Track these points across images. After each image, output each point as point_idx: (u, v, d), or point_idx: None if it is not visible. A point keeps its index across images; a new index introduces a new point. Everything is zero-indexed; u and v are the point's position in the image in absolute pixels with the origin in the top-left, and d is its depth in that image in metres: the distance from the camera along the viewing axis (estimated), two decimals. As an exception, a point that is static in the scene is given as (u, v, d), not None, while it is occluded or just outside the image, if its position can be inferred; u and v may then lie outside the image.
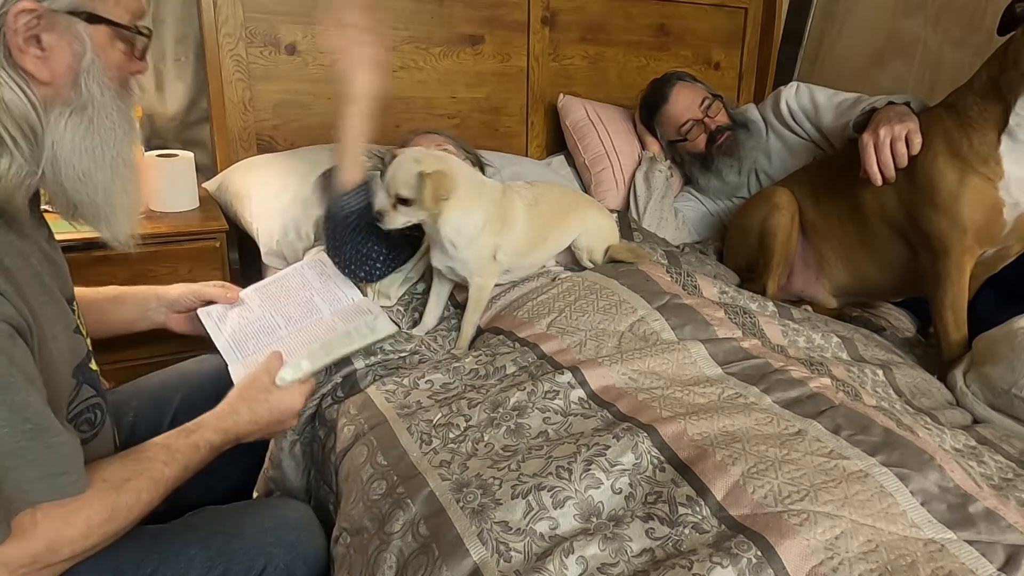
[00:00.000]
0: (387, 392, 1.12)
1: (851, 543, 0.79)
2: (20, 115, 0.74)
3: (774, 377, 1.11)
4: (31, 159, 0.76)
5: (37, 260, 0.82)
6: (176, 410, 1.17)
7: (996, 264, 1.51)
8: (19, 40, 0.72)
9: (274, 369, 1.07)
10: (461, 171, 1.27)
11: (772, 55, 2.63)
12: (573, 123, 2.19)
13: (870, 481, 0.88)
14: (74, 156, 0.79)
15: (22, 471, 0.71)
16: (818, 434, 0.97)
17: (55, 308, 0.83)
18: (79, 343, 0.88)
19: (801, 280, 1.78)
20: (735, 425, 0.97)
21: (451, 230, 1.25)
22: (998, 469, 1.05)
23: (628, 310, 1.26)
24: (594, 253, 1.47)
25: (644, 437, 0.94)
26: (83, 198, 0.82)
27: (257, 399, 1.01)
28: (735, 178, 2.03)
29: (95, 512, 0.77)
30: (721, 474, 0.88)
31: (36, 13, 0.72)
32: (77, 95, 0.78)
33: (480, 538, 0.82)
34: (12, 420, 0.70)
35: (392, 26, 2.02)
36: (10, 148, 0.75)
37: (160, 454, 0.87)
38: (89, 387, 0.89)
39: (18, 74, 0.73)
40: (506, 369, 1.16)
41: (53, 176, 0.79)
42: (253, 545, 0.89)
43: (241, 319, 1.26)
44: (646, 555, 0.81)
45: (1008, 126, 1.32)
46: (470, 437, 1.00)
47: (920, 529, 0.84)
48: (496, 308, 1.37)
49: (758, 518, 0.82)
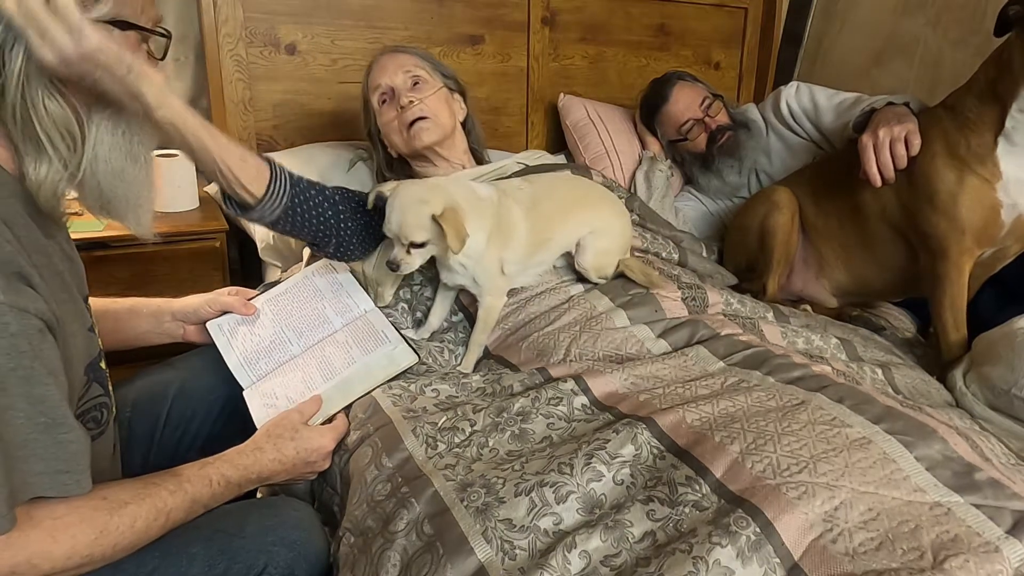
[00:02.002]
0: (393, 396, 1.12)
1: (851, 513, 0.79)
2: (62, 123, 0.79)
3: (776, 361, 1.11)
4: (71, 162, 0.80)
5: (59, 259, 0.84)
6: (171, 405, 1.17)
7: (994, 265, 1.52)
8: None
9: (308, 412, 1.07)
10: (460, 193, 1.22)
11: (772, 55, 2.63)
12: (573, 123, 2.19)
13: (873, 448, 0.88)
14: (112, 154, 0.83)
15: (30, 463, 0.72)
16: (821, 403, 0.97)
17: (74, 306, 0.84)
18: (93, 341, 0.89)
19: (801, 280, 1.78)
20: (735, 406, 0.97)
21: (461, 255, 1.20)
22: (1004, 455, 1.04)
23: (635, 343, 1.23)
24: (604, 270, 1.36)
25: (643, 428, 0.94)
26: (117, 193, 0.86)
27: (283, 437, 1.01)
28: (735, 178, 2.03)
29: (82, 531, 0.75)
30: (720, 453, 0.88)
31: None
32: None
33: (485, 536, 0.83)
34: (29, 412, 0.71)
35: (392, 26, 2.02)
36: (50, 155, 0.79)
37: (168, 482, 0.86)
38: (99, 385, 0.90)
39: (61, 82, 0.78)
40: (513, 388, 1.14)
41: (92, 174, 0.83)
42: (254, 544, 0.89)
43: (252, 335, 1.25)
44: (647, 539, 0.81)
45: (1004, 129, 1.33)
46: (475, 442, 1.00)
47: (925, 492, 0.83)
48: (503, 332, 1.32)
49: (756, 491, 0.82)
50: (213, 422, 1.21)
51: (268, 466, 0.99)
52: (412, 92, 1.46)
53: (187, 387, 1.20)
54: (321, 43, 1.95)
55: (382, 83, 1.48)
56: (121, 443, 1.04)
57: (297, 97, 1.97)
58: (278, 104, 1.95)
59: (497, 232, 1.24)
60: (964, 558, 0.74)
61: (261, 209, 1.14)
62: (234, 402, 1.19)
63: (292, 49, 1.93)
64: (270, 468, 0.99)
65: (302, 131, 1.98)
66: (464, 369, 1.27)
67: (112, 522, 0.78)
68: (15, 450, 0.71)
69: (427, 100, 1.45)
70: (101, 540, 0.77)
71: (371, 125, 1.55)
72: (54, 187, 0.79)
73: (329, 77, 1.98)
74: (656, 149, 2.12)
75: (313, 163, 1.73)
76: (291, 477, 1.04)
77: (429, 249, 1.18)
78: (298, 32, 1.92)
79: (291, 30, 1.92)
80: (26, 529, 0.72)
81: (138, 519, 0.80)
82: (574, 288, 1.37)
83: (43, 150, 0.78)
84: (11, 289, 0.71)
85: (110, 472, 0.98)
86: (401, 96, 1.45)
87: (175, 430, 1.18)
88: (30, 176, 0.78)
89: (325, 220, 1.24)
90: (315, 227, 1.23)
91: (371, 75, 1.51)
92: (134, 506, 0.81)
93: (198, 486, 0.89)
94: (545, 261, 1.38)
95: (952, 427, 1.00)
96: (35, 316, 0.73)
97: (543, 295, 1.35)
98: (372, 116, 1.53)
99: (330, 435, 1.06)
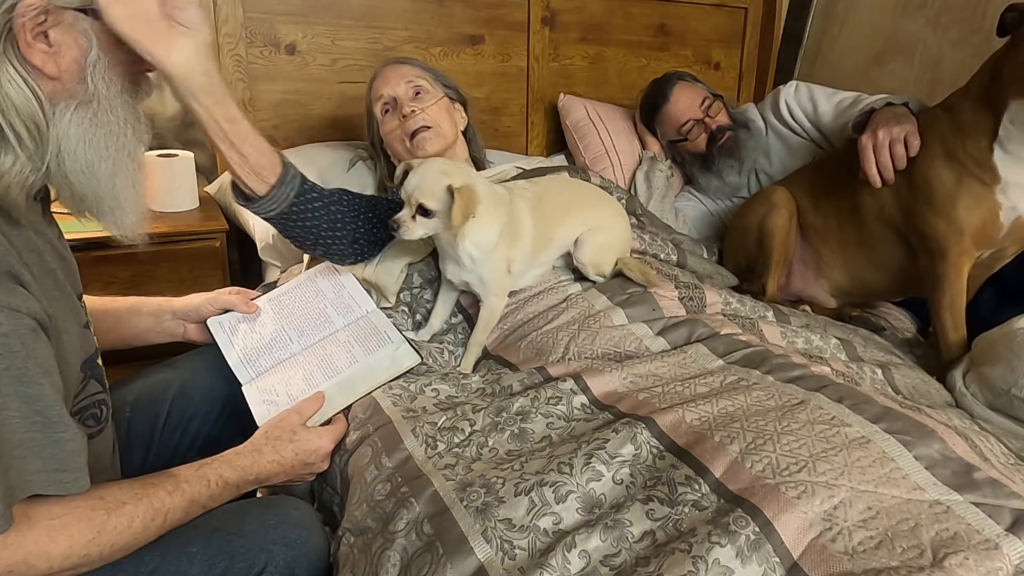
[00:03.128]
0: (393, 396, 1.12)
1: (850, 512, 0.79)
2: (25, 111, 0.75)
3: (775, 361, 1.11)
4: (35, 155, 0.77)
5: (51, 257, 0.83)
6: (171, 405, 1.17)
7: (993, 265, 1.52)
8: (27, 35, 0.74)
9: (307, 411, 1.07)
10: (480, 184, 1.23)
11: (772, 55, 2.63)
12: (573, 123, 2.19)
13: (872, 447, 0.88)
14: (79, 148, 0.80)
15: (27, 462, 0.72)
16: (820, 403, 0.97)
17: (67, 303, 0.84)
18: (88, 338, 0.89)
19: (800, 280, 1.78)
20: (735, 405, 0.97)
21: (470, 244, 1.21)
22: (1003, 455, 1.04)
23: (633, 340, 1.23)
24: (601, 267, 1.37)
25: (643, 428, 0.94)
26: (87, 191, 0.83)
27: (282, 439, 1.01)
28: (736, 178, 2.03)
29: (79, 531, 0.75)
30: (720, 453, 0.88)
31: (42, 8, 0.74)
32: (83, 90, 0.79)
33: (484, 536, 0.83)
34: (24, 411, 0.71)
35: (392, 26, 2.02)
36: (13, 145, 0.76)
37: (166, 482, 0.86)
38: (96, 382, 0.90)
39: (25, 70, 0.75)
40: (512, 388, 1.14)
41: (58, 169, 0.80)
42: (254, 543, 0.89)
43: (253, 332, 1.25)
44: (647, 539, 0.81)
45: (998, 137, 1.33)
46: (475, 441, 1.00)
47: (924, 491, 0.84)
48: (502, 331, 1.32)
49: (756, 490, 0.82)
50: (213, 423, 1.21)
51: (266, 468, 0.99)
52: (414, 102, 1.49)
53: (187, 388, 1.19)
54: (321, 43, 1.95)
55: (385, 93, 1.51)
56: (120, 443, 1.04)
57: (297, 97, 1.97)
58: (278, 104, 1.95)
59: (508, 230, 1.25)
60: (964, 555, 0.74)
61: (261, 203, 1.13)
62: (234, 403, 1.19)
63: (292, 49, 1.93)
64: (268, 470, 0.99)
65: (302, 131, 1.98)
66: (463, 369, 1.27)
67: (110, 522, 0.78)
68: (11, 449, 0.70)
69: (429, 110, 1.48)
70: (99, 540, 0.77)
71: (374, 134, 1.58)
72: (22, 182, 0.77)
73: (329, 77, 1.98)
74: (656, 149, 2.12)
75: (313, 163, 1.73)
76: (289, 478, 1.04)
77: (434, 224, 1.18)
78: (298, 32, 1.92)
79: (291, 30, 1.92)
80: (23, 529, 0.71)
81: (136, 519, 0.80)
82: (572, 287, 1.38)
83: (7, 140, 0.75)
84: (2, 289, 0.71)
85: (110, 472, 0.98)
86: (403, 105, 1.49)
87: (174, 431, 1.18)
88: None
89: (317, 227, 1.23)
90: (306, 232, 1.23)
91: (374, 85, 1.55)
92: (131, 506, 0.80)
93: (196, 486, 0.89)
94: (547, 261, 1.39)
95: (951, 427, 1.00)
96: (27, 315, 0.72)
97: (541, 295, 1.36)
98: (375, 126, 1.56)
99: (328, 437, 1.06)
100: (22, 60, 0.74)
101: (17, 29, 0.73)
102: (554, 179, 1.56)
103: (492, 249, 1.24)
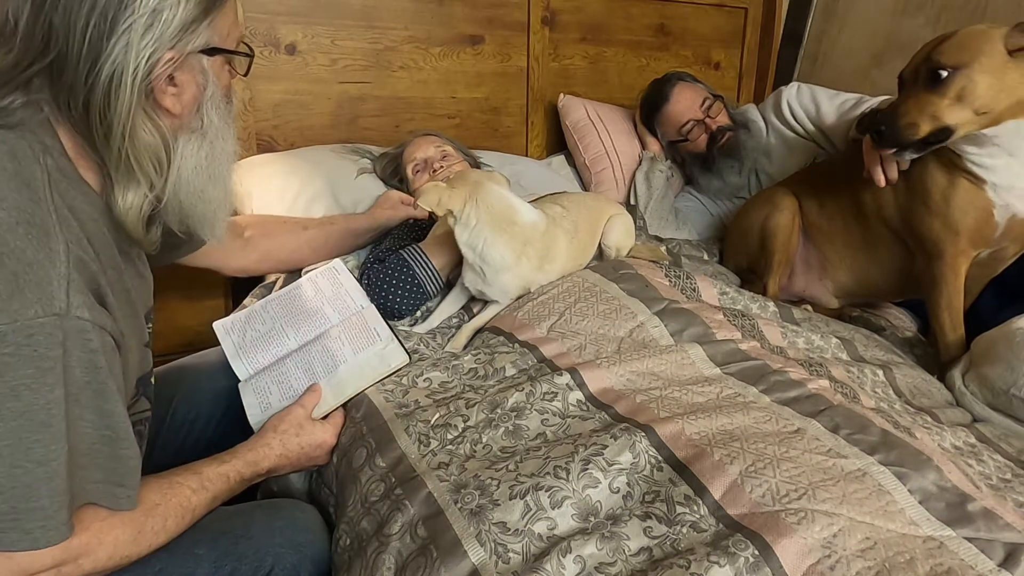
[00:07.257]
0: (386, 392, 1.12)
1: (849, 541, 0.79)
2: (153, 152, 0.80)
3: (772, 378, 1.12)
4: (158, 187, 0.82)
5: (129, 276, 0.86)
6: (176, 405, 1.18)
7: (993, 266, 1.51)
8: (162, 84, 0.78)
9: (309, 404, 1.10)
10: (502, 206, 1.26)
11: (772, 55, 2.63)
12: (573, 123, 2.19)
13: (868, 480, 0.89)
14: (194, 176, 0.85)
15: (90, 471, 0.75)
16: (816, 433, 0.97)
17: (134, 323, 0.87)
18: (147, 356, 0.92)
19: (803, 280, 1.78)
20: (733, 424, 0.97)
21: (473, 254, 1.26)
22: (996, 469, 1.05)
23: (628, 315, 1.26)
24: (623, 251, 1.53)
25: (642, 436, 0.94)
26: (196, 211, 0.88)
27: (289, 432, 1.05)
28: (736, 178, 2.03)
29: (123, 532, 0.79)
30: (719, 473, 0.88)
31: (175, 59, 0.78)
32: (199, 123, 0.85)
33: (479, 539, 0.83)
34: (97, 423, 0.74)
35: (392, 26, 2.02)
36: (139, 181, 0.80)
37: (190, 481, 0.89)
38: (146, 400, 0.93)
39: (156, 114, 0.79)
40: (505, 371, 1.16)
41: (174, 196, 0.85)
42: (261, 545, 0.90)
43: (253, 331, 1.29)
44: (644, 554, 0.81)
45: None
46: (468, 438, 1.00)
47: (918, 526, 0.84)
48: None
49: (756, 517, 0.82)
50: (216, 424, 1.22)
51: (274, 461, 1.03)
52: (442, 162, 1.71)
53: (191, 389, 1.21)
54: (321, 43, 1.95)
55: (417, 157, 1.73)
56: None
57: (297, 97, 1.97)
58: (278, 104, 1.95)
59: (535, 256, 1.32)
60: (958, 590, 0.75)
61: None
62: (237, 405, 1.20)
63: (292, 49, 1.93)
64: (275, 463, 1.03)
65: (302, 131, 1.98)
66: (453, 348, 1.29)
67: (148, 523, 0.81)
68: (79, 457, 0.73)
69: (454, 166, 1.70)
70: (139, 540, 0.80)
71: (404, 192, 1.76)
72: (139, 211, 0.82)
73: (329, 77, 1.98)
74: (656, 149, 2.12)
75: (319, 168, 1.74)
76: (295, 470, 1.09)
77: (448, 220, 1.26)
78: (298, 32, 1.92)
79: (291, 30, 1.91)
80: (78, 532, 0.74)
81: (168, 519, 0.84)
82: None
83: (135, 178, 0.80)
84: (94, 307, 0.73)
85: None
86: (433, 163, 1.71)
87: (178, 432, 1.19)
88: (119, 203, 0.80)
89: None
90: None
91: (406, 152, 1.77)
92: (163, 507, 0.84)
93: (218, 484, 0.93)
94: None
95: (946, 451, 1.02)
96: (109, 333, 0.76)
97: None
98: (406, 185, 1.75)
99: (332, 430, 1.09)
100: (155, 106, 0.79)
101: (154, 79, 0.77)
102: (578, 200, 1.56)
103: (503, 269, 1.28)
